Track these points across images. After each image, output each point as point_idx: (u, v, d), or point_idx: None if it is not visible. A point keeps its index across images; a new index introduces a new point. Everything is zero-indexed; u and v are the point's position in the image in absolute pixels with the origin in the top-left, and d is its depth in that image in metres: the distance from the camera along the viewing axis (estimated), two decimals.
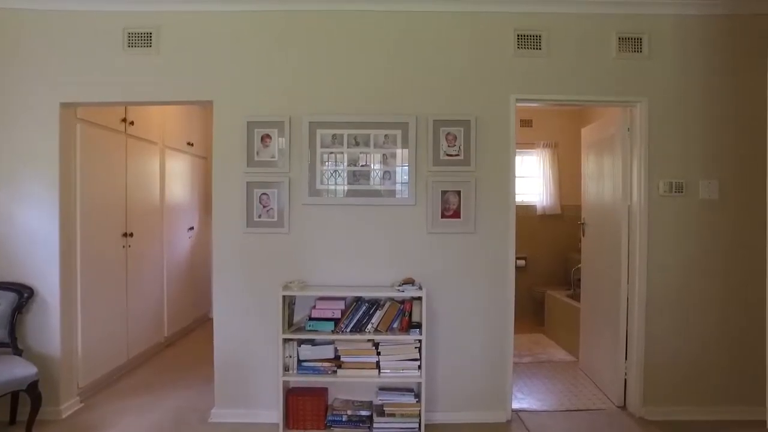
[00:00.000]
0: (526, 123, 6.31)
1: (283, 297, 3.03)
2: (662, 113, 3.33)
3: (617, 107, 3.53)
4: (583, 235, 4.31)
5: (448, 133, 3.26)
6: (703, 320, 3.37)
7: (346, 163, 3.25)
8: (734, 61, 3.37)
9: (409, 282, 3.09)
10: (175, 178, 5.12)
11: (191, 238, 5.53)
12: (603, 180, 3.86)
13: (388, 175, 3.25)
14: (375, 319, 3.07)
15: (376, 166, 3.25)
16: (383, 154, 3.25)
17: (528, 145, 6.27)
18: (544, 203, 6.23)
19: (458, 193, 3.26)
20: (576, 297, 5.21)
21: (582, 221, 4.31)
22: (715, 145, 3.35)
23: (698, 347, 3.38)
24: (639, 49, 3.32)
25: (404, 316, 3.08)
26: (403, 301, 3.11)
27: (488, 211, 3.29)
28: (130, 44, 3.25)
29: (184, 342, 5.14)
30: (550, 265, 6.32)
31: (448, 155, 3.26)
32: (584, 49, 3.32)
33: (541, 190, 6.25)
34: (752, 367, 3.39)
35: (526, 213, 6.28)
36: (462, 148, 3.26)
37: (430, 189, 3.25)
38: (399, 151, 3.25)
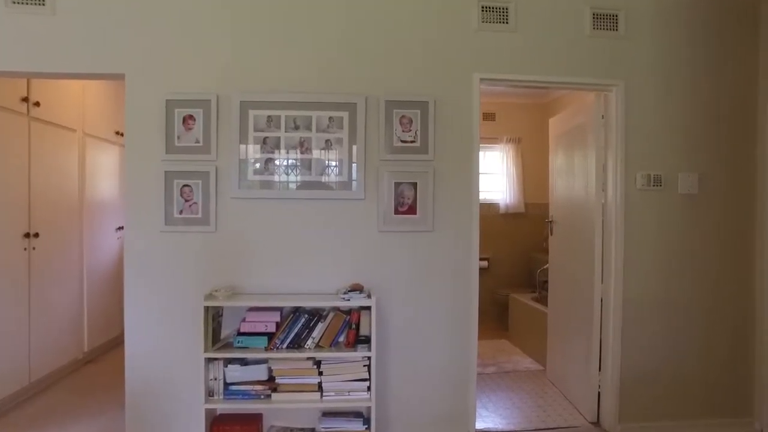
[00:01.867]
0: (488, 117, 5.98)
1: (206, 308, 2.53)
2: (640, 99, 3.01)
3: (590, 92, 3.19)
4: (551, 234, 3.97)
5: (403, 117, 2.83)
6: (685, 326, 3.07)
7: (283, 150, 2.78)
8: (718, 46, 3.08)
9: (357, 289, 2.65)
10: (99, 171, 4.50)
11: (120, 238, 4.91)
12: (573, 174, 3.52)
13: (332, 164, 2.80)
14: (316, 333, 2.61)
15: (318, 154, 2.79)
16: (327, 140, 2.79)
17: (491, 140, 5.94)
18: (508, 201, 5.91)
19: (414, 185, 2.84)
20: (542, 300, 4.89)
21: (550, 219, 3.97)
22: (695, 135, 3.06)
23: (680, 356, 3.07)
24: (615, 27, 2.99)
25: (351, 329, 2.63)
26: (349, 311, 2.66)
27: (448, 207, 2.88)
28: None
29: (109, 357, 4.52)
30: (514, 266, 6.01)
31: (402, 142, 2.83)
32: (555, 24, 2.96)
33: (504, 187, 5.92)
34: (736, 377, 3.11)
35: (488, 211, 5.95)
36: (418, 133, 2.84)
37: (382, 181, 2.81)
38: (346, 137, 2.80)
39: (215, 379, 2.58)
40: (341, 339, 2.67)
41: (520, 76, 2.93)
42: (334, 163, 2.80)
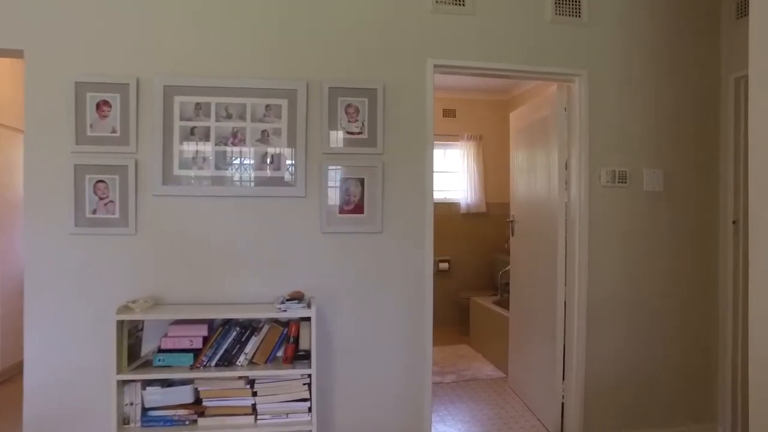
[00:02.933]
0: (449, 113, 5.78)
1: (120, 322, 2.19)
2: (603, 90, 2.83)
3: (552, 84, 2.99)
4: (512, 235, 3.77)
5: (349, 105, 2.55)
6: (649, 329, 2.90)
7: (214, 142, 2.45)
8: (682, 36, 2.94)
9: (297, 297, 2.35)
10: (11, 166, 4.04)
11: None
12: (535, 170, 3.32)
13: (269, 158, 2.49)
14: (249, 348, 2.30)
15: (254, 147, 2.48)
16: (264, 131, 2.48)
17: (451, 137, 5.73)
18: (468, 201, 5.71)
19: (361, 181, 2.56)
20: (503, 303, 4.70)
21: (511, 218, 3.77)
22: (660, 128, 2.90)
23: (645, 362, 2.90)
24: (578, 14, 2.80)
25: (289, 343, 2.33)
26: (288, 323, 2.36)
27: (400, 206, 2.61)
28: None
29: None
30: (476, 268, 5.82)
31: (349, 133, 2.55)
32: (515, 9, 2.74)
33: (464, 186, 5.72)
34: (700, 381, 2.97)
35: (449, 211, 5.74)
36: (366, 124, 2.56)
37: (325, 176, 2.53)
38: (285, 127, 2.50)
39: (131, 404, 2.24)
40: (280, 354, 2.37)
41: (478, 63, 2.69)
42: (271, 157, 2.49)
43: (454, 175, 5.84)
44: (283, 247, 2.50)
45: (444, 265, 5.68)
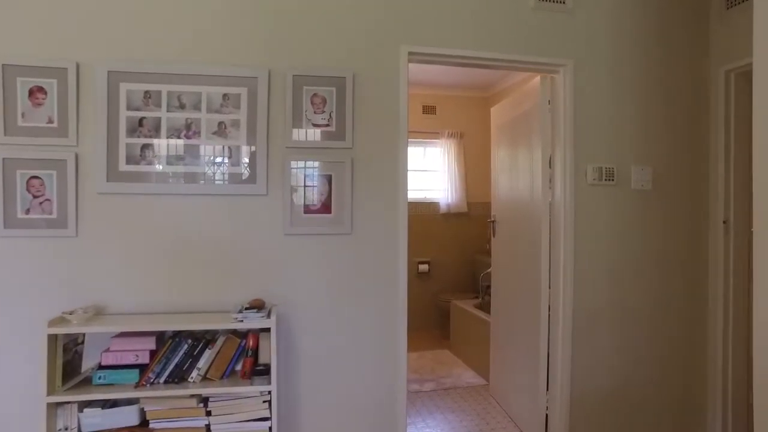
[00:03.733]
0: (429, 110, 5.58)
1: (52, 336, 1.94)
2: (589, 82, 2.66)
3: (535, 75, 2.81)
4: (494, 236, 3.58)
5: (315, 95, 2.34)
6: (640, 339, 2.74)
7: (165, 134, 2.22)
8: (672, 25, 2.78)
9: (257, 306, 2.12)
10: None
11: None
12: (517, 167, 3.14)
13: (227, 152, 2.26)
14: (203, 363, 2.07)
15: (210, 140, 2.24)
16: (221, 123, 2.25)
17: (431, 134, 5.54)
18: (449, 200, 5.53)
19: (328, 178, 2.34)
20: (485, 306, 4.52)
21: (492, 218, 3.58)
22: (648, 123, 2.74)
23: (633, 370, 2.74)
24: (562, 0, 2.62)
25: (247, 356, 2.11)
26: (246, 334, 2.13)
27: (371, 204, 2.40)
28: None
29: None
30: (457, 270, 5.63)
31: (315, 126, 2.34)
32: None
33: (445, 185, 5.53)
34: (694, 395, 2.82)
35: (429, 211, 5.54)
36: (334, 116, 2.35)
37: (289, 173, 2.31)
38: (244, 119, 2.27)
39: (66, 429, 1.99)
40: (238, 368, 2.14)
41: (455, 50, 2.49)
42: (229, 152, 2.26)
43: (434, 174, 5.65)
44: (243, 250, 2.27)
45: (424, 267, 5.49)
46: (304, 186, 2.31)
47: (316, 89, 2.33)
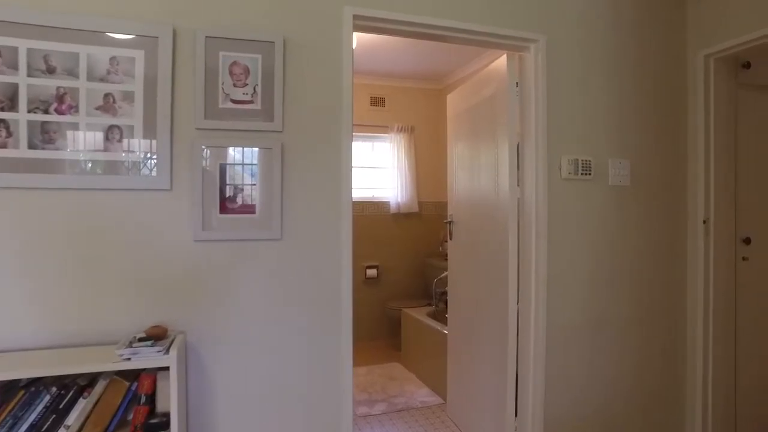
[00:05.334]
0: (377, 102, 5.15)
1: None
2: (564, 61, 2.31)
3: (500, 51, 2.43)
4: (450, 238, 3.19)
5: (235, 63, 1.84)
6: (621, 352, 2.41)
7: (26, 108, 1.66)
8: (649, 2, 2.48)
9: (156, 336, 1.61)
10: None
11: None
12: (479, 161, 2.76)
13: (116, 134, 1.73)
14: (74, 419, 1.53)
15: (92, 117, 1.70)
16: (108, 95, 1.72)
17: (379, 128, 5.11)
18: (399, 199, 5.11)
19: (252, 169, 1.86)
20: (440, 315, 4.14)
21: (449, 219, 3.19)
22: (624, 111, 2.42)
23: (616, 394, 2.41)
24: None
25: (140, 404, 1.58)
26: (138, 376, 1.61)
27: (307, 203, 1.93)
28: None
29: None
30: (408, 275, 5.23)
31: (234, 102, 1.84)
32: None
33: (395, 183, 5.12)
34: (669, 415, 2.52)
35: (377, 211, 5.11)
36: (259, 90, 1.86)
37: (200, 161, 1.80)
38: (140, 90, 1.74)
39: None
40: (128, 418, 1.61)
41: (410, 17, 2.07)
42: (119, 133, 1.73)
43: (382, 171, 5.22)
44: (138, 262, 1.74)
45: (372, 272, 5.05)
46: (220, 179, 1.81)
47: (237, 56, 1.84)
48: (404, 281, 5.20)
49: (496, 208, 2.52)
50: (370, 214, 5.08)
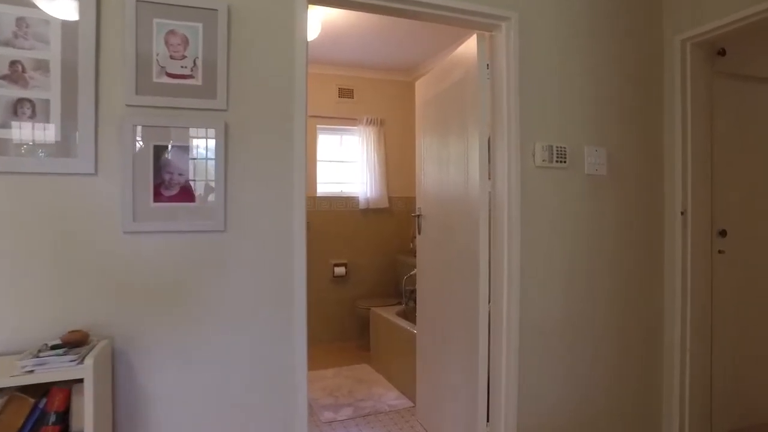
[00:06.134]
0: (345, 93, 4.96)
1: None
2: (536, 44, 2.16)
3: (470, 32, 2.27)
4: (419, 233, 3.02)
5: (172, 33, 1.63)
6: (598, 353, 2.28)
7: None
8: None
9: (74, 342, 1.38)
10: None
11: None
12: (448, 150, 2.59)
13: (27, 108, 1.49)
14: None
15: None
16: (15, 63, 1.48)
17: (348, 120, 4.91)
18: (368, 194, 4.93)
19: (188, 151, 1.64)
20: (409, 314, 3.98)
21: (417, 212, 3.02)
22: (600, 97, 2.29)
23: (595, 394, 2.27)
24: None
25: (49, 425, 1.36)
26: (47, 390, 1.38)
27: (255, 191, 1.73)
28: None
29: None
30: (378, 273, 5.05)
31: (170, 76, 1.63)
32: None
33: (364, 178, 4.93)
34: (646, 418, 2.41)
35: (346, 207, 4.92)
36: (200, 64, 1.65)
37: (131, 142, 1.58)
38: (56, 59, 1.51)
39: None
40: None
41: None
42: (30, 108, 1.49)
43: (351, 165, 5.03)
44: (58, 257, 1.51)
45: (340, 270, 4.85)
46: (154, 162, 1.60)
47: (174, 24, 1.62)
48: (374, 279, 5.02)
49: (465, 200, 2.35)
50: (338, 209, 4.89)
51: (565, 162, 2.15)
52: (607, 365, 2.31)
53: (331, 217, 4.84)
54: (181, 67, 1.62)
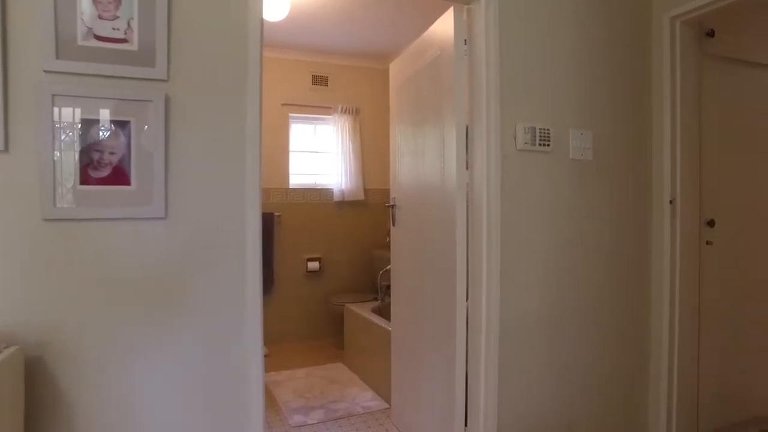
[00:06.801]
0: (319, 81, 4.74)
1: None
2: (516, 17, 1.98)
3: (447, 2, 2.08)
4: (393, 224, 2.84)
5: None
6: (587, 353, 2.13)
7: None
8: None
9: None
10: None
11: None
12: (423, 135, 2.41)
13: None
14: None
15: None
16: None
17: (322, 109, 4.70)
18: (343, 187, 4.73)
19: (125, 127, 1.43)
20: (385, 310, 3.80)
21: (391, 202, 2.83)
22: (585, 77, 2.13)
23: (582, 394, 2.12)
24: None
25: None
26: None
27: (201, 175, 1.52)
28: None
29: None
30: (353, 268, 4.86)
31: (99, 39, 1.40)
32: None
33: (339, 169, 4.73)
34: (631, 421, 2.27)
35: (320, 199, 4.71)
36: (136, 26, 1.44)
37: (50, 114, 1.35)
38: None
39: None
40: None
41: None
42: None
43: (326, 155, 4.82)
44: None
45: (314, 265, 4.64)
46: (81, 138, 1.37)
47: None
48: (349, 274, 4.82)
49: (442, 187, 2.17)
50: (312, 202, 4.68)
51: (548, 145, 1.98)
52: (592, 362, 2.16)
53: (305, 210, 4.63)
54: (113, 29, 1.40)
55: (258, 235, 1.57)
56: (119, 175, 1.40)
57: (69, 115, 1.36)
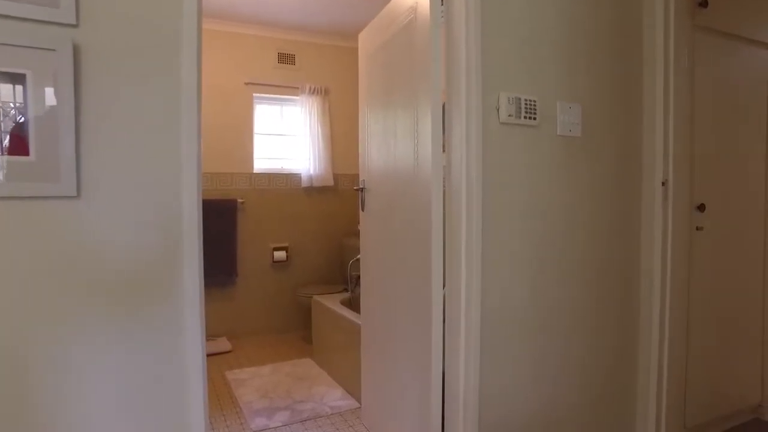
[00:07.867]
0: (286, 59, 4.44)
1: None
2: None
3: None
4: (362, 209, 2.60)
5: None
6: (574, 344, 1.94)
7: None
8: None
9: None
10: None
11: None
12: (395, 110, 2.17)
13: None
14: None
15: None
16: None
17: (289, 89, 4.41)
18: (312, 172, 4.45)
19: (21, 82, 1.14)
20: (355, 302, 3.58)
21: (360, 185, 2.59)
22: (574, 45, 1.92)
23: (568, 388, 1.94)
24: None
25: None
26: None
27: (123, 145, 1.25)
28: None
29: None
30: (322, 257, 4.61)
31: None
32: None
33: (307, 153, 4.45)
34: (618, 415, 2.11)
35: (287, 185, 4.44)
36: None
37: None
38: None
39: None
40: None
41: None
42: None
43: (293, 138, 4.53)
44: None
45: (281, 254, 4.38)
46: None
47: None
48: (318, 264, 4.57)
49: (415, 168, 1.94)
50: (278, 187, 4.40)
51: (534, 119, 1.77)
52: (579, 355, 1.98)
53: (271, 196, 4.35)
54: None
55: (196, 214, 1.31)
56: (16, 144, 1.12)
57: None
